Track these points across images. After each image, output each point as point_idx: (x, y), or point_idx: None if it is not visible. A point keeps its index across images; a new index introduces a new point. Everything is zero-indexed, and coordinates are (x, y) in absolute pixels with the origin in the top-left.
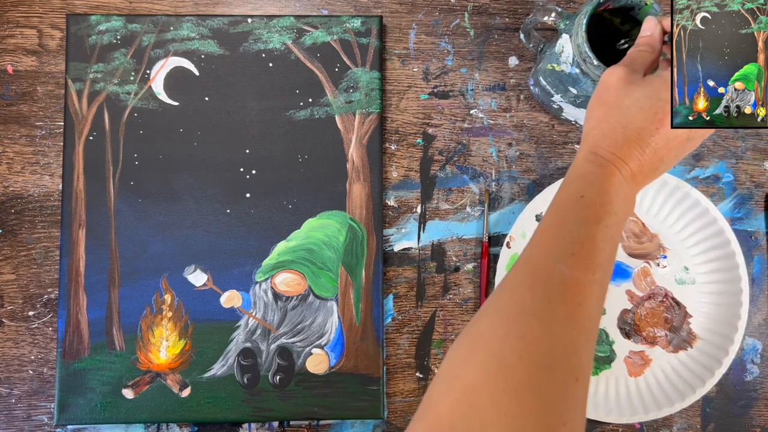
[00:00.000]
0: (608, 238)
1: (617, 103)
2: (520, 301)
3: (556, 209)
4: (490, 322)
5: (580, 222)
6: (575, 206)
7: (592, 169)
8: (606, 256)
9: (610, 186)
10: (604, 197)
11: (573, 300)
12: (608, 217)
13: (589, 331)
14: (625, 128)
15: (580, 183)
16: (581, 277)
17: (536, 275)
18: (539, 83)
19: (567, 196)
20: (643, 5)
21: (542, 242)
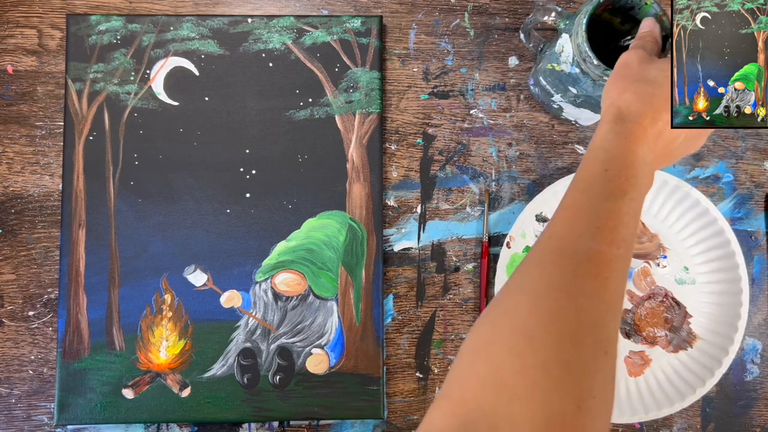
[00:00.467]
0: (632, 212)
1: (641, 76)
2: (547, 276)
3: (580, 184)
4: (516, 299)
5: (605, 196)
6: (600, 180)
7: (617, 141)
8: (630, 231)
9: (635, 158)
10: (629, 170)
11: (599, 274)
12: (633, 190)
13: (616, 306)
14: (653, 96)
15: (605, 156)
16: (607, 251)
17: (562, 250)
18: (539, 83)
19: (591, 170)
20: (643, 5)
21: (567, 217)
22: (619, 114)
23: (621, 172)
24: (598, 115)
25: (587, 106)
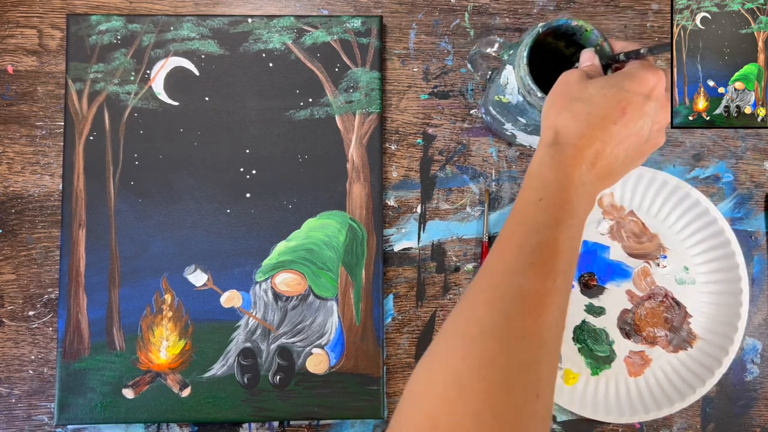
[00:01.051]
0: (570, 240)
1: (579, 95)
2: (479, 318)
3: (516, 214)
4: (451, 343)
5: (539, 226)
6: (534, 209)
7: (552, 165)
8: (567, 260)
9: (570, 183)
10: (564, 196)
11: (532, 312)
12: (569, 217)
13: (550, 343)
14: (589, 114)
15: (540, 183)
16: (541, 286)
17: (495, 289)
18: (489, 112)
19: (526, 199)
20: (584, 31)
21: (501, 250)
22: (555, 136)
23: (556, 199)
24: None
25: (538, 134)
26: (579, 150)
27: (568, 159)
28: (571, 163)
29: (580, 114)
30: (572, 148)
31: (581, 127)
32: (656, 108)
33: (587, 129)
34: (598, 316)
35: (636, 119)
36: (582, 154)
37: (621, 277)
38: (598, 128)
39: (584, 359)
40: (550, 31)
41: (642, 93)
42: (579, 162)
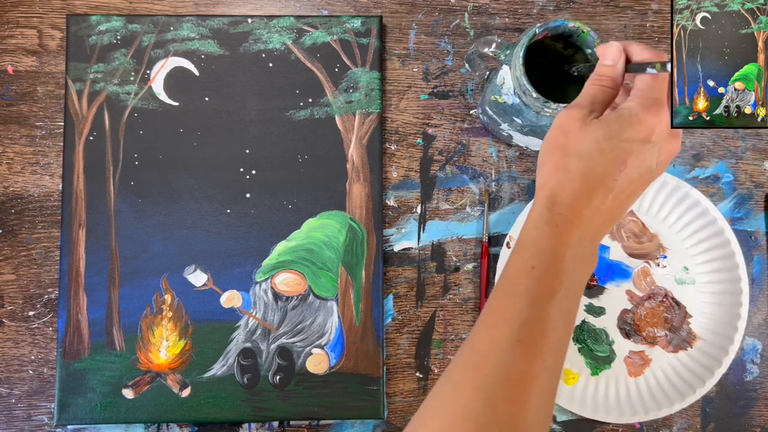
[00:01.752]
0: (563, 313)
1: (575, 149)
2: (462, 401)
3: (506, 283)
4: (431, 425)
5: (530, 300)
6: (525, 279)
7: (547, 230)
8: (559, 336)
9: (566, 249)
10: (559, 266)
11: (518, 398)
12: (562, 288)
13: (538, 428)
14: (586, 176)
15: (533, 250)
16: (528, 368)
17: (479, 368)
18: (486, 113)
19: (517, 266)
20: (581, 33)
21: (489, 325)
22: (551, 196)
23: (549, 269)
24: None
25: (534, 135)
26: (576, 212)
27: (565, 224)
28: (568, 228)
29: (576, 173)
30: (568, 210)
31: (578, 187)
32: (659, 147)
33: (584, 189)
34: (598, 316)
35: (638, 167)
36: (579, 216)
37: (621, 277)
38: (596, 187)
39: (584, 359)
40: (547, 32)
41: (643, 139)
42: (576, 225)
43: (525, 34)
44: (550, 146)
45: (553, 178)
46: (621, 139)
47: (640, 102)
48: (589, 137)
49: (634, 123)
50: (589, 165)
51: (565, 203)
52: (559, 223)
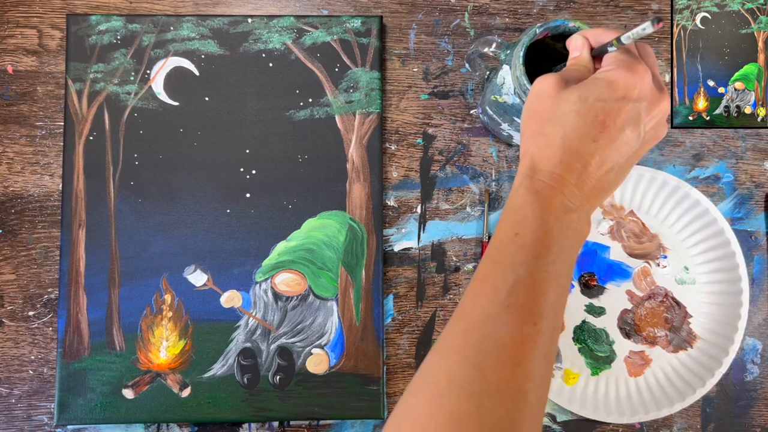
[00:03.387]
0: (552, 277)
1: (552, 112)
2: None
3: (491, 252)
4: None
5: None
6: (510, 247)
7: (528, 197)
8: (549, 300)
9: (549, 214)
10: (542, 230)
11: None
12: (549, 253)
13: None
14: (564, 138)
15: (515, 217)
16: (518, 332)
17: (468, 336)
18: (486, 112)
19: (501, 235)
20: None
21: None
22: (531, 164)
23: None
24: None
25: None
26: (557, 178)
27: (546, 189)
28: (550, 193)
29: (554, 137)
30: (549, 177)
31: (557, 153)
32: (645, 107)
33: (564, 154)
34: (598, 316)
35: (620, 129)
36: (562, 182)
37: (621, 277)
38: (576, 150)
39: (584, 359)
40: (547, 32)
41: (621, 97)
42: (559, 190)
43: (525, 34)
44: (528, 114)
45: (532, 146)
46: (597, 98)
47: (612, 65)
48: (564, 99)
49: (609, 83)
50: (565, 127)
51: (546, 170)
52: (540, 190)
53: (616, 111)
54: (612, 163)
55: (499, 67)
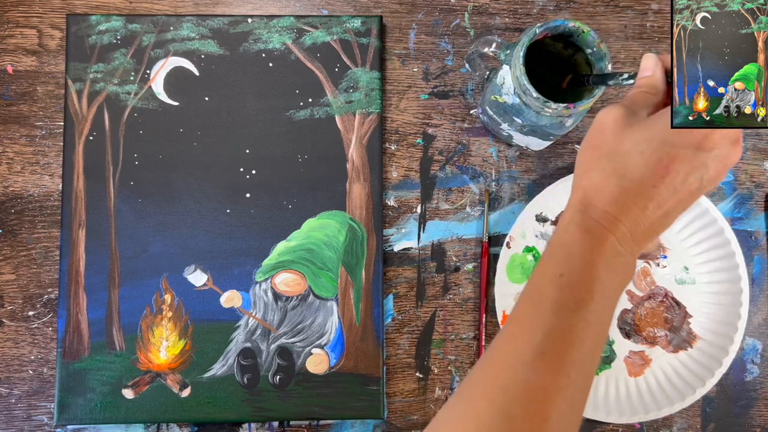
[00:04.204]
0: (592, 326)
1: (613, 148)
2: (476, 415)
3: (531, 290)
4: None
5: (555, 309)
6: (552, 288)
7: (578, 235)
8: (586, 350)
9: (598, 258)
10: (588, 273)
11: (539, 414)
12: (592, 300)
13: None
14: (623, 178)
15: (561, 256)
16: (550, 383)
17: (498, 379)
18: (486, 112)
19: (544, 274)
20: (581, 33)
21: (511, 334)
22: (584, 199)
23: (579, 276)
24: (549, 141)
25: (534, 135)
26: (611, 219)
27: (597, 228)
28: (601, 234)
29: (612, 175)
30: (602, 216)
31: (613, 192)
32: (716, 156)
33: (620, 195)
34: None
35: (684, 176)
36: (614, 223)
37: None
38: (634, 194)
39: None
40: (547, 32)
41: (693, 145)
42: (610, 231)
43: (525, 34)
44: (587, 145)
45: (587, 180)
46: (665, 142)
47: None
48: (629, 137)
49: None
50: (626, 168)
51: (599, 207)
52: (592, 228)
53: (684, 159)
54: (668, 208)
55: (499, 67)
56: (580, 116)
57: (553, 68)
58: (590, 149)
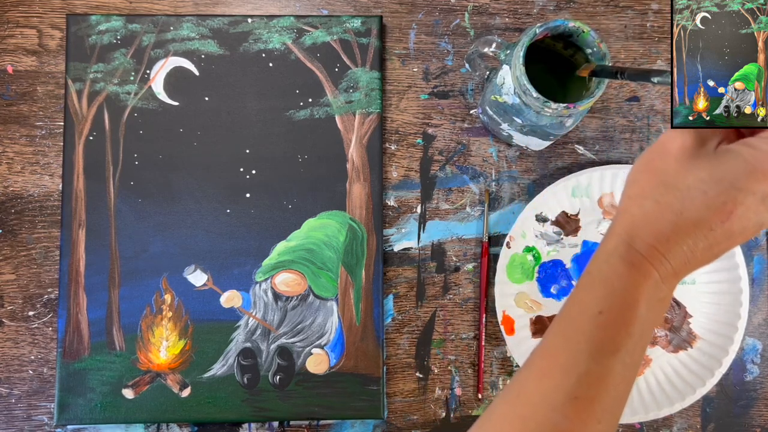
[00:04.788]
0: (627, 368)
1: (674, 180)
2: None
3: (566, 325)
4: None
5: (592, 351)
6: (590, 326)
7: (621, 269)
8: (619, 392)
9: (641, 295)
10: (630, 312)
11: None
12: (630, 341)
13: None
14: (679, 216)
15: (602, 290)
16: (580, 430)
17: (525, 421)
18: (486, 112)
19: (582, 309)
20: (581, 33)
21: (542, 373)
22: (631, 229)
23: (620, 316)
24: (549, 141)
25: (534, 135)
26: (658, 256)
27: (643, 263)
28: (646, 270)
29: (667, 211)
30: (648, 250)
31: (665, 229)
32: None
33: (672, 232)
34: None
35: (745, 222)
36: (661, 261)
37: None
38: (687, 233)
39: None
40: (547, 32)
41: (762, 192)
42: (655, 269)
43: (525, 33)
44: (644, 166)
45: (638, 206)
46: (733, 184)
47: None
48: (694, 172)
49: (753, 169)
50: (685, 205)
51: (647, 242)
52: (636, 263)
53: (750, 206)
54: (718, 250)
55: (499, 67)
56: (580, 116)
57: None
58: (647, 172)
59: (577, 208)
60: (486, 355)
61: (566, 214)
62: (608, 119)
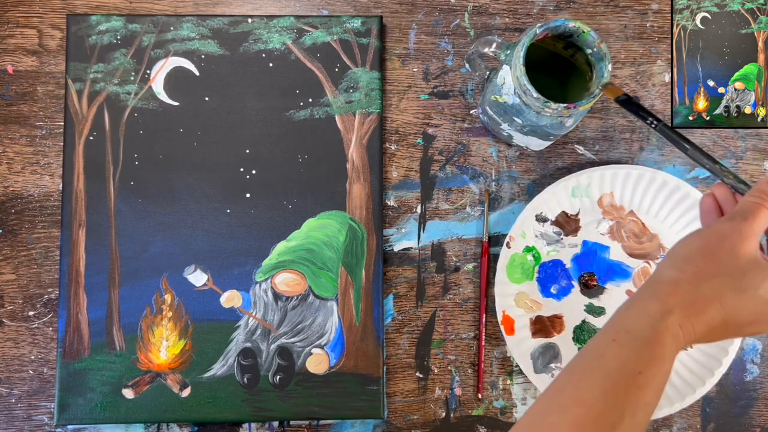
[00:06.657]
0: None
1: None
2: None
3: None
4: None
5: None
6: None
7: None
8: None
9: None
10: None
11: None
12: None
13: None
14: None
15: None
16: None
17: None
18: (486, 112)
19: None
20: (581, 33)
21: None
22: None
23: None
24: (549, 141)
25: (534, 135)
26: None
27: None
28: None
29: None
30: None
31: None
32: None
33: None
34: (598, 316)
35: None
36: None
37: (621, 277)
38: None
39: None
40: (548, 32)
41: None
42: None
43: (525, 34)
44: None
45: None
46: None
47: None
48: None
49: None
50: (738, 307)
51: (689, 322)
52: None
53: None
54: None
55: (499, 67)
56: (580, 116)
57: (553, 68)
58: (706, 257)
59: (577, 208)
60: (486, 355)
61: (566, 214)
62: (608, 119)
